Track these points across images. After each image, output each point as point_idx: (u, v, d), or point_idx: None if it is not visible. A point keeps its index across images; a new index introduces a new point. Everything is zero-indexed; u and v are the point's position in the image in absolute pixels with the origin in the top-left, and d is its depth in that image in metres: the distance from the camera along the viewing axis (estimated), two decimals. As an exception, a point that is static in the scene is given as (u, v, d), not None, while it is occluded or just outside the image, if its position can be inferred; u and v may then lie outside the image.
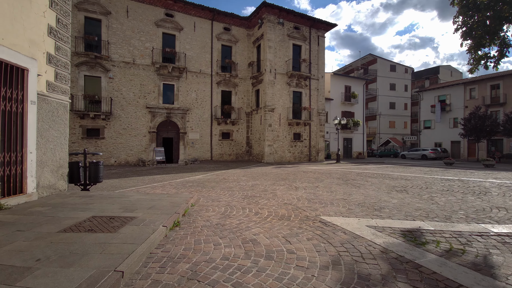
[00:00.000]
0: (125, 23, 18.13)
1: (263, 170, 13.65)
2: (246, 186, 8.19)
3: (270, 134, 20.17)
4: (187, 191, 7.15)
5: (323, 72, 22.85)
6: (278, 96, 20.71)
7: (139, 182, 9.24)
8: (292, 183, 8.88)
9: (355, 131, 28.85)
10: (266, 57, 20.08)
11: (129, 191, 7.16)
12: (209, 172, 12.66)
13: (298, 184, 8.49)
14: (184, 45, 20.06)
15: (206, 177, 10.77)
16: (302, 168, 15.41)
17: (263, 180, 9.56)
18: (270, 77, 20.13)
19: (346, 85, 28.44)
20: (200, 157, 20.54)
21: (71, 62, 16.51)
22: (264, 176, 10.84)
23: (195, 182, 9.19)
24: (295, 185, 8.27)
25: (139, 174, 11.92)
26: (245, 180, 9.56)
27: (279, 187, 7.86)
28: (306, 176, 10.83)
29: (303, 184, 8.49)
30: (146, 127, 18.76)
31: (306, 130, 22.01)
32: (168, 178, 10.32)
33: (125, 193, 6.07)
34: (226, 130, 21.80)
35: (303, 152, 21.94)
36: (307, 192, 6.95)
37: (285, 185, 8.28)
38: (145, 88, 18.74)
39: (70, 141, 16.49)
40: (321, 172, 12.55)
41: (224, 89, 21.76)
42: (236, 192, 6.98)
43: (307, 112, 21.62)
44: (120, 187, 7.95)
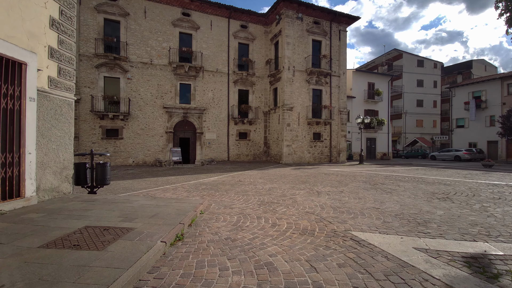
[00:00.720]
0: (142, 24, 18.17)
1: (281, 172, 12.92)
2: (262, 190, 7.52)
3: (288, 134, 19.36)
4: (199, 195, 6.61)
5: (344, 69, 21.64)
6: (297, 94, 19.86)
7: (152, 184, 8.88)
8: (313, 187, 8.08)
9: (379, 131, 27.21)
10: (284, 54, 19.30)
11: (137, 194, 6.75)
12: (224, 174, 12.14)
13: (320, 189, 7.68)
14: (201, 44, 19.80)
15: (221, 179, 10.23)
16: (322, 169, 14.48)
17: (281, 183, 8.84)
18: (288, 75, 19.33)
19: (370, 82, 26.89)
20: (217, 157, 20.18)
21: (91, 64, 16.82)
22: (282, 179, 10.11)
23: (209, 184, 8.66)
24: (316, 190, 7.48)
25: (154, 175, 11.65)
26: (262, 183, 8.89)
27: (299, 192, 7.11)
28: (328, 179, 9.96)
29: (325, 189, 7.67)
30: (163, 127, 18.69)
31: (326, 129, 20.94)
32: (182, 180, 9.91)
33: (132, 197, 5.63)
34: (243, 130, 21.28)
35: (323, 153, 20.89)
36: (331, 199, 6.15)
37: (305, 189, 7.51)
38: (162, 88, 18.67)
39: (90, 142, 16.77)
40: (344, 175, 11.59)
41: (241, 88, 21.25)
42: (252, 197, 6.34)
43: (327, 111, 20.55)
44: (131, 189, 7.60)
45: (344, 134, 21.47)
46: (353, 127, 25.51)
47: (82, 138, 16.66)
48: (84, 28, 16.75)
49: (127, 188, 7.89)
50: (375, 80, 27.13)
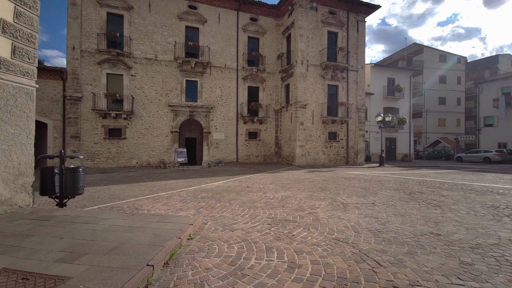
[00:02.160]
0: (147, 18, 17.23)
1: (294, 175, 11.51)
2: (274, 200, 6.18)
3: (301, 134, 17.90)
4: (195, 207, 5.34)
5: (363, 63, 19.94)
6: (310, 90, 18.36)
7: (146, 190, 7.72)
8: (336, 195, 6.65)
9: (399, 130, 25.21)
10: (297, 47, 17.86)
11: (118, 206, 5.56)
12: (231, 177, 10.87)
13: (345, 199, 6.25)
14: (208, 39, 18.67)
15: (226, 184, 8.96)
16: (340, 172, 12.95)
17: (296, 191, 7.46)
18: (301, 69, 17.87)
19: (389, 78, 24.96)
20: (225, 158, 18.97)
21: (93, 60, 16.00)
22: (297, 184, 8.72)
23: (211, 191, 7.40)
24: (341, 200, 6.05)
25: (154, 179, 10.53)
26: (273, 190, 7.54)
27: (319, 204, 5.71)
28: (350, 185, 8.48)
29: (351, 199, 6.23)
30: (168, 126, 17.67)
31: (343, 128, 19.31)
32: (181, 185, 8.71)
33: (103, 213, 4.40)
34: (253, 129, 19.98)
35: (340, 154, 19.27)
36: (363, 215, 4.73)
37: (326, 200, 6.10)
38: (167, 85, 17.66)
39: (92, 142, 15.96)
40: (367, 180, 10.05)
41: (251, 84, 19.98)
42: (260, 211, 5.01)
43: (344, 108, 18.93)
44: (118, 198, 6.44)
45: (362, 134, 19.76)
46: (371, 126, 23.69)
47: (84, 138, 15.86)
48: (86, 23, 15.97)
49: (114, 196, 6.74)
50: (395, 76, 25.15)
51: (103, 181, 9.94)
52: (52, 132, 15.40)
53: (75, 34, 15.63)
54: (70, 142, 15.52)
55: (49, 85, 15.29)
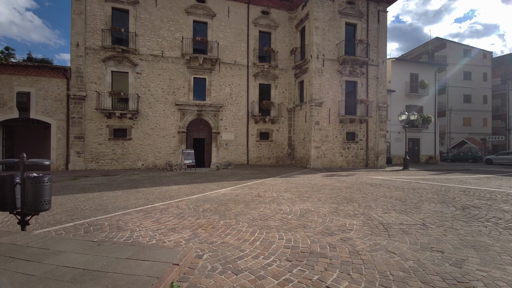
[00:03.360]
0: (153, 13, 16.42)
1: (311, 180, 10.23)
2: (291, 215, 4.97)
3: (317, 134, 16.54)
4: (191, 227, 4.21)
5: (384, 57, 18.34)
6: (327, 87, 16.97)
7: (142, 199, 6.69)
8: (368, 210, 5.36)
9: (423, 130, 23.30)
10: (312, 41, 16.53)
11: (92, 225, 4.51)
12: (241, 182, 9.72)
13: (382, 215, 4.95)
14: (217, 34, 17.66)
15: (234, 191, 7.82)
16: (363, 177, 11.53)
17: (316, 202, 6.21)
18: (317, 65, 16.52)
19: (412, 73, 23.10)
20: (234, 160, 17.89)
21: (98, 58, 15.33)
22: (316, 193, 7.45)
23: (216, 201, 6.27)
24: (377, 218, 4.76)
25: (156, 183, 9.55)
26: (289, 201, 6.33)
27: (350, 223, 4.45)
28: (381, 194, 7.13)
29: (390, 216, 4.92)
30: (175, 126, 16.77)
31: (362, 128, 17.78)
32: (184, 192, 7.64)
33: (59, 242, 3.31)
34: (264, 129, 18.80)
35: (359, 156, 17.74)
36: (418, 245, 3.44)
37: (358, 217, 4.83)
38: (174, 83, 16.77)
39: (96, 143, 15.28)
40: (398, 187, 8.64)
41: (262, 82, 18.80)
42: (276, 234, 3.82)
43: (363, 106, 17.40)
44: (103, 210, 5.42)
45: (383, 134, 18.15)
46: (391, 125, 21.96)
47: (88, 139, 15.19)
48: (91, 18, 15.31)
49: (101, 207, 5.73)
50: (419, 71, 23.27)
51: (101, 186, 9.05)
52: (56, 132, 14.82)
53: (79, 31, 15.01)
54: (74, 143, 14.89)
55: (53, 84, 14.73)
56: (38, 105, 14.44)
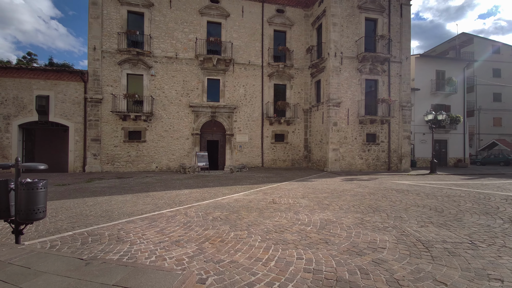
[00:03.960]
0: (167, 15, 16.39)
1: (330, 185, 9.53)
2: (311, 227, 4.38)
3: (335, 135, 15.74)
4: (197, 240, 3.74)
5: (408, 53, 17.23)
6: (345, 86, 16.14)
7: (150, 204, 6.35)
8: (400, 222, 4.66)
9: (451, 131, 21.72)
10: (329, 38, 15.80)
11: (91, 235, 4.15)
12: (254, 187, 9.21)
13: (418, 229, 4.24)
14: (231, 34, 17.36)
15: (248, 196, 7.32)
16: (386, 182, 10.65)
17: (338, 210, 5.57)
18: (335, 63, 15.76)
19: (438, 70, 21.64)
20: (249, 163, 17.42)
21: (114, 61, 15.45)
22: (337, 199, 6.79)
23: (228, 208, 5.80)
24: (413, 233, 4.07)
25: (167, 187, 9.25)
26: (307, 209, 5.73)
27: (382, 238, 3.81)
28: (410, 202, 6.35)
29: (428, 231, 4.20)
30: (189, 128, 16.58)
31: (383, 129, 16.74)
32: (194, 197, 7.24)
33: (44, 259, 2.92)
34: (279, 131, 18.21)
35: (380, 159, 16.70)
36: (471, 271, 2.77)
37: (390, 230, 4.16)
38: (188, 84, 16.62)
39: (112, 145, 15.37)
40: (429, 194, 7.77)
41: (277, 82, 18.26)
42: (293, 252, 3.26)
43: (385, 106, 16.38)
44: (105, 218, 5.10)
45: (407, 135, 16.99)
46: (415, 126, 20.62)
47: (104, 141, 15.32)
48: (107, 22, 15.50)
49: (106, 213, 5.42)
50: (445, 68, 21.76)
51: (112, 189, 8.87)
52: (74, 135, 15.05)
53: (96, 34, 15.21)
54: (91, 145, 15.05)
55: (71, 87, 14.99)
56: (57, 108, 14.74)
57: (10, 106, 14.03)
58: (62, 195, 7.65)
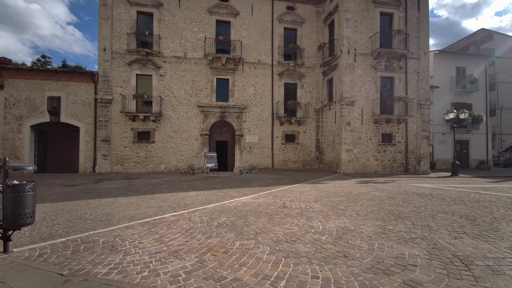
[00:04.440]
0: (176, 14, 16.24)
1: (344, 188, 8.95)
2: (326, 236, 3.90)
3: (348, 136, 15.08)
4: (198, 250, 3.34)
5: (426, 48, 16.33)
6: (359, 84, 15.45)
7: (153, 207, 6.03)
8: (429, 232, 4.10)
9: (473, 131, 20.50)
10: (342, 34, 15.18)
11: (85, 242, 3.82)
12: (264, 189, 8.77)
13: (453, 241, 3.68)
14: (240, 32, 17.02)
15: (257, 200, 6.89)
16: (405, 185, 9.94)
17: (355, 216, 5.04)
18: (348, 60, 15.11)
19: (459, 67, 20.50)
20: (258, 164, 16.99)
21: (123, 62, 15.43)
22: (353, 204, 6.25)
23: (234, 213, 5.39)
24: (445, 244, 3.52)
25: (174, 189, 8.96)
26: (321, 214, 5.24)
27: (411, 253, 3.28)
28: (436, 208, 5.73)
29: (465, 244, 3.63)
30: (198, 129, 16.34)
31: (400, 129, 15.91)
32: (200, 200, 6.89)
33: (21, 273, 2.61)
34: (290, 131, 17.69)
35: (397, 160, 15.87)
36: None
37: (419, 243, 3.62)
38: (197, 84, 16.39)
39: (121, 146, 15.33)
40: (454, 198, 7.08)
41: (288, 81, 17.76)
42: (307, 268, 2.80)
43: (402, 105, 15.56)
44: (104, 222, 4.79)
45: (426, 135, 16.08)
46: (434, 125, 19.56)
47: (114, 142, 15.29)
48: (117, 23, 15.51)
49: (106, 217, 5.13)
50: (466, 64, 20.59)
51: (118, 190, 8.66)
52: (84, 135, 15.10)
53: (106, 35, 15.24)
54: (101, 146, 15.05)
55: (82, 88, 15.06)
56: (68, 109, 14.83)
57: (22, 107, 14.22)
58: (68, 197, 7.48)
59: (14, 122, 14.16)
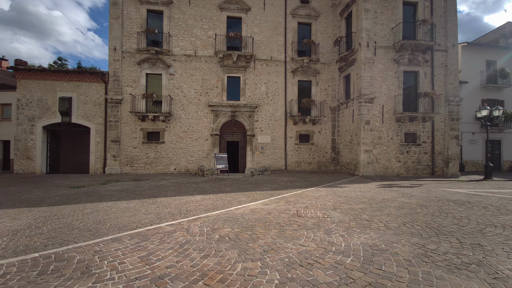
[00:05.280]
0: (187, 12, 15.84)
1: (365, 193, 8.02)
2: (350, 259, 3.10)
3: (367, 135, 14.01)
4: (189, 274, 2.65)
5: (454, 39, 14.95)
6: (379, 80, 14.34)
7: (151, 214, 5.45)
8: (484, 253, 3.20)
9: (505, 129, 18.70)
10: (361, 26, 14.15)
11: (61, 260, 3.23)
12: (276, 193, 8.01)
13: (520, 270, 2.78)
14: (252, 28, 16.37)
15: (267, 206, 6.15)
16: (434, 189, 8.84)
17: (385, 231, 4.18)
18: (367, 54, 14.06)
19: (489, 60, 18.78)
20: (271, 165, 16.24)
21: (133, 61, 15.19)
22: (379, 213, 5.36)
23: (240, 223, 4.69)
24: (510, 273, 2.64)
25: (179, 192, 8.40)
26: (342, 227, 4.41)
27: (467, 286, 2.43)
28: (481, 220, 4.74)
29: (538, 273, 2.73)
30: (208, 129, 15.82)
31: (426, 128, 14.62)
32: (205, 206, 6.24)
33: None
34: (304, 131, 16.81)
35: (422, 162, 14.59)
36: None
37: (477, 271, 2.74)
38: (207, 83, 15.89)
39: (131, 146, 15.07)
40: (498, 206, 5.99)
41: (302, 78, 16.90)
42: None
43: (428, 101, 14.28)
44: (92, 232, 4.23)
45: (455, 135, 14.68)
46: (462, 124, 17.97)
47: (124, 142, 15.07)
48: (127, 22, 15.30)
49: (97, 225, 4.57)
50: (496, 57, 18.84)
51: (122, 193, 8.21)
52: (95, 136, 14.97)
53: (117, 35, 15.06)
54: (111, 147, 14.87)
55: (92, 88, 14.95)
56: (79, 109, 14.75)
57: (34, 108, 14.27)
58: (67, 200, 7.08)
59: (26, 123, 14.23)
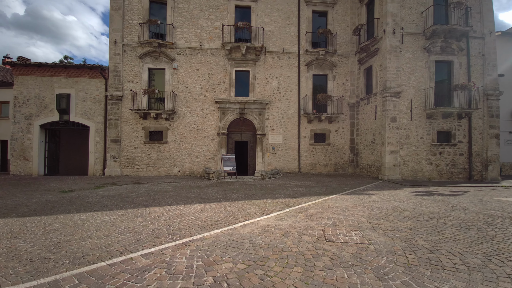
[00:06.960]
0: (192, 1, 14.66)
1: (402, 203, 6.46)
2: None
3: (393, 134, 12.33)
4: None
5: (491, 26, 13.07)
6: (407, 71, 12.64)
7: (130, 232, 4.15)
8: None
9: (551, 128, 16.48)
10: (386, 11, 12.51)
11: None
12: (291, 202, 6.57)
13: None
14: (262, 18, 15.01)
15: (282, 223, 4.73)
16: (484, 198, 7.14)
17: (467, 272, 2.68)
18: (393, 42, 12.40)
19: (530, 50, 16.65)
20: (283, 167, 14.78)
21: (135, 55, 14.13)
22: (439, 236, 3.84)
23: (246, 252, 3.30)
24: None
25: (179, 199, 7.10)
26: (398, 263, 2.94)
27: None
28: None
29: None
30: (215, 127, 14.55)
31: (462, 125, 12.79)
32: (204, 220, 4.89)
33: None
34: (320, 130, 15.26)
35: (457, 164, 12.74)
36: None
37: None
38: (214, 78, 14.63)
39: (132, 146, 13.99)
40: None
41: (317, 72, 15.38)
42: None
43: (464, 95, 12.46)
44: (23, 272, 2.95)
45: (495, 134, 12.78)
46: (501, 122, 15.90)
47: (124, 142, 14.01)
48: (129, 14, 14.27)
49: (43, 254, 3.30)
50: (540, 46, 16.66)
51: (111, 200, 7.00)
52: (94, 135, 13.99)
53: (117, 27, 14.06)
54: (111, 147, 13.84)
55: (92, 84, 13.98)
56: (78, 107, 13.81)
57: (32, 106, 13.42)
58: (43, 209, 5.91)
59: (23, 121, 13.40)
